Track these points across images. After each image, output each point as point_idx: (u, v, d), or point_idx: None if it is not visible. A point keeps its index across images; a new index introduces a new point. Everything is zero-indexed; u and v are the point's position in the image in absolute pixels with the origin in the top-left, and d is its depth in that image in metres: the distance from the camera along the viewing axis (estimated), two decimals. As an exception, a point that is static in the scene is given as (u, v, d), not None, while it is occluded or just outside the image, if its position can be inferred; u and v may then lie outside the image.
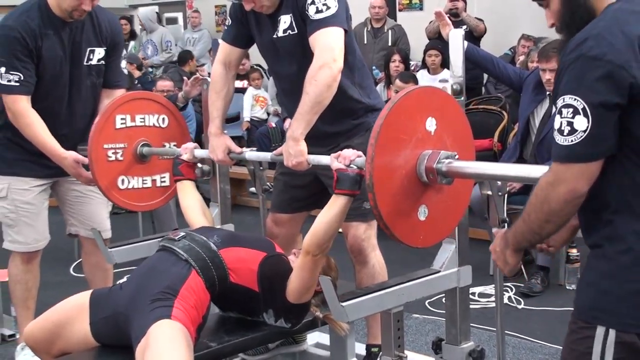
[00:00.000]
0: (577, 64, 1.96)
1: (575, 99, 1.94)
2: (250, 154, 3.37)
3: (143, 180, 3.72)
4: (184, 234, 3.01)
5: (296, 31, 3.21)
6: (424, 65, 8.21)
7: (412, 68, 8.29)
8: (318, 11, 3.10)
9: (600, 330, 2.01)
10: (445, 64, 7.71)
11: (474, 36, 8.50)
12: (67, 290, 3.42)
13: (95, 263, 4.21)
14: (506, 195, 2.77)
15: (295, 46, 3.22)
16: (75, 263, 5.65)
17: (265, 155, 3.31)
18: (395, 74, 7.24)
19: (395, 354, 2.71)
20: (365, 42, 8.72)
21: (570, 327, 2.10)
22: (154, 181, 3.76)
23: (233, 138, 3.53)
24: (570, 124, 1.95)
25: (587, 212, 2.07)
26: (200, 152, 3.42)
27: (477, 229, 5.13)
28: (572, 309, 2.11)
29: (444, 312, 2.92)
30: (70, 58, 3.85)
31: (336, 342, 3.45)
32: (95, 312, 2.89)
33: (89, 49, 3.90)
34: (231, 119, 9.08)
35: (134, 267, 3.05)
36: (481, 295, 4.97)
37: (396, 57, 7.63)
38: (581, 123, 1.93)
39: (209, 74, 3.78)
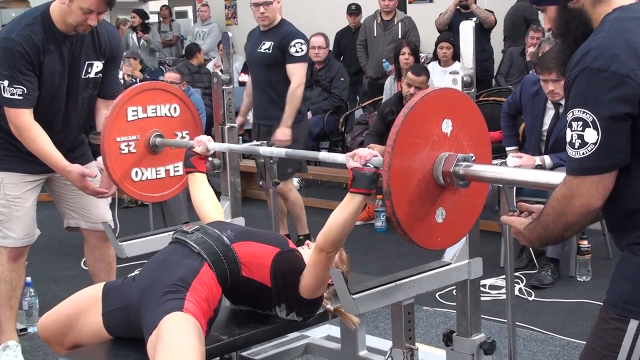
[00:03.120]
0: (583, 76, 1.96)
1: (584, 112, 1.95)
2: (265, 149, 3.38)
3: (157, 170, 3.72)
4: (197, 227, 3.01)
5: (271, 52, 5.67)
6: (434, 57, 8.19)
7: (422, 60, 8.28)
8: (297, 51, 5.63)
9: (633, 324, 2.00)
10: (456, 56, 7.69)
11: (484, 28, 8.49)
12: (78, 283, 3.44)
13: (99, 256, 4.21)
14: (515, 187, 2.77)
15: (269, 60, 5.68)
16: (86, 258, 5.66)
17: (280, 151, 3.33)
18: (405, 67, 7.22)
19: (406, 346, 2.71)
20: (375, 34, 8.70)
21: (601, 315, 2.09)
22: (167, 171, 3.75)
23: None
24: (580, 137, 1.96)
25: (618, 218, 2.07)
26: (213, 145, 3.41)
27: (487, 221, 5.10)
28: (586, 300, 2.11)
29: (454, 304, 2.92)
30: (69, 72, 3.84)
31: (347, 335, 3.45)
32: (107, 304, 2.90)
33: (87, 62, 3.89)
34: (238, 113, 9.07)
35: (142, 262, 3.05)
36: (492, 287, 4.96)
37: (405, 49, 7.60)
38: (591, 135, 1.94)
39: (221, 70, 3.78)
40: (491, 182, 2.55)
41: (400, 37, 8.48)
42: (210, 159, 3.64)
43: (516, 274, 5.04)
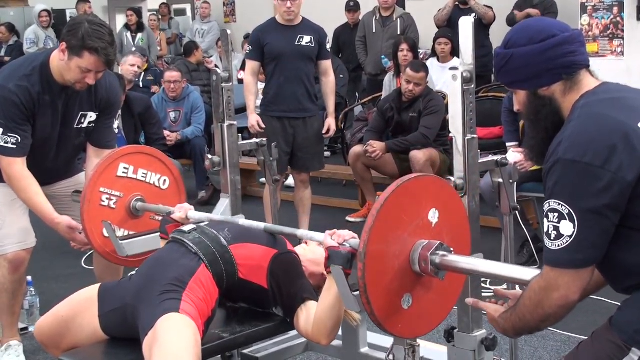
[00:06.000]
0: (557, 167, 1.94)
1: (559, 204, 1.93)
2: (246, 222, 3.29)
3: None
4: (194, 226, 3.00)
5: (313, 46, 5.91)
6: (433, 53, 8.18)
7: (421, 56, 8.27)
8: (328, 48, 6.14)
9: (635, 355, 1.99)
10: (455, 52, 7.69)
11: (483, 24, 8.48)
12: (79, 282, 3.42)
13: (109, 264, 4.17)
14: (515, 183, 2.77)
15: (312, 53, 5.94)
16: (87, 256, 5.66)
17: (259, 225, 3.24)
18: (404, 63, 7.20)
19: (407, 342, 2.70)
20: (374, 31, 8.69)
21: (607, 327, 2.08)
22: None
23: (242, 129, 3.51)
24: (556, 228, 1.94)
25: (622, 278, 2.06)
26: (193, 214, 3.26)
27: (487, 217, 5.12)
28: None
29: (455, 300, 2.91)
30: (61, 121, 3.82)
31: (348, 332, 3.45)
32: (104, 305, 2.89)
33: (81, 113, 3.86)
34: (241, 110, 9.06)
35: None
36: (493, 283, 4.95)
37: (404, 46, 7.56)
38: (567, 228, 1.92)
39: (216, 65, 3.77)
40: (466, 273, 2.53)
41: (399, 33, 8.47)
42: (210, 156, 3.63)
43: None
